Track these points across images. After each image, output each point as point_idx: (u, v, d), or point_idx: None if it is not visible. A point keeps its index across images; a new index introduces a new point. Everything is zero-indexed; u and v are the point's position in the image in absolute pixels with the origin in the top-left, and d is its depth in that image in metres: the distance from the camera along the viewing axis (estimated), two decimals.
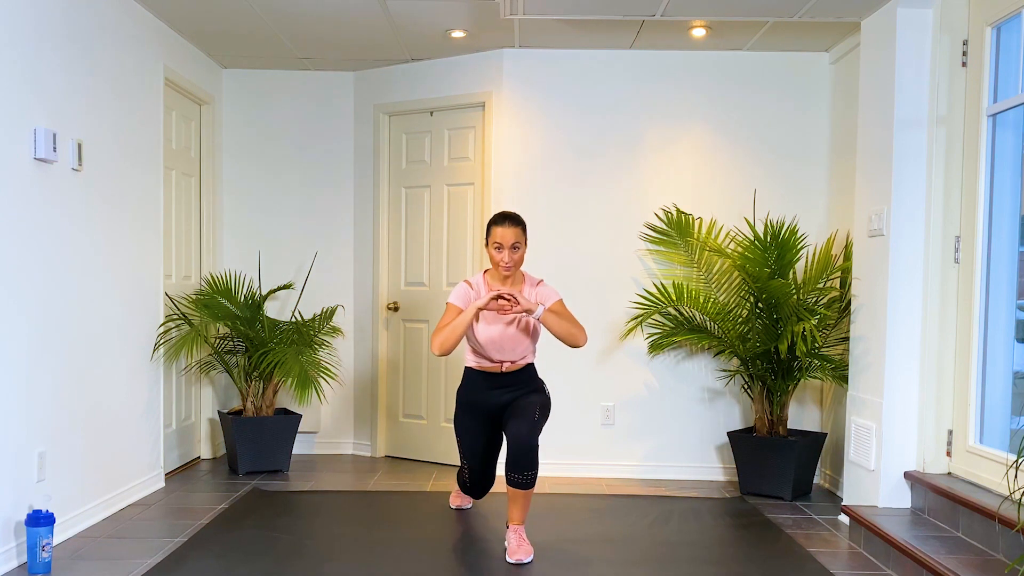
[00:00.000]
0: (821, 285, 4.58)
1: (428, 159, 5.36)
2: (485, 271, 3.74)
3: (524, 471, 3.46)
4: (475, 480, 3.95)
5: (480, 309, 3.52)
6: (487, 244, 3.63)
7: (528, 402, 3.64)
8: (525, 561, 3.44)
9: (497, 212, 3.93)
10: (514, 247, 3.59)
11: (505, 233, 3.58)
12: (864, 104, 4.10)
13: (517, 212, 4.40)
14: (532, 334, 3.72)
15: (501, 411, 3.78)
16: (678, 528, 3.96)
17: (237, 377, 5.05)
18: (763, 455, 4.54)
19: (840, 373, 4.45)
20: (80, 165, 3.74)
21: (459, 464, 3.93)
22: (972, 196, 3.60)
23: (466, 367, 3.83)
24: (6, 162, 3.21)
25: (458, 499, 4.24)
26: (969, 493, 3.38)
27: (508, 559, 3.46)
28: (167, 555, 3.44)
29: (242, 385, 5.03)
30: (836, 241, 4.80)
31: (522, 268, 4.37)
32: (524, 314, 3.57)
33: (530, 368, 3.80)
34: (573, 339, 3.55)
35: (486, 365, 3.74)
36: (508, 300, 3.49)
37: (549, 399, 3.75)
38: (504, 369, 3.72)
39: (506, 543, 3.58)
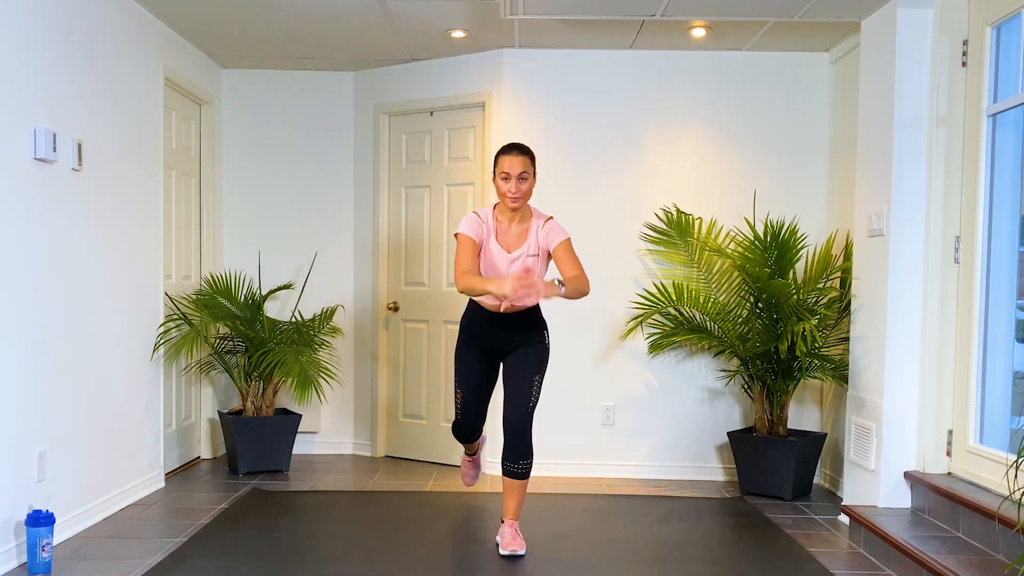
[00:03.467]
0: (821, 285, 4.58)
1: (428, 159, 5.36)
2: (495, 205, 3.56)
3: (519, 459, 3.48)
4: (466, 412, 3.69)
5: (494, 287, 3.22)
6: (494, 176, 3.47)
7: (526, 369, 3.53)
8: (519, 553, 3.49)
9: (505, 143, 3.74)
10: (521, 177, 3.41)
11: (513, 162, 3.41)
12: (864, 104, 4.10)
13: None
14: (536, 272, 3.50)
15: (501, 352, 3.62)
16: (678, 528, 3.96)
17: (237, 377, 5.05)
18: (763, 455, 4.54)
19: (840, 373, 4.45)
20: (80, 165, 3.74)
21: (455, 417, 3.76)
22: (972, 196, 3.60)
23: (470, 299, 3.68)
24: (6, 162, 3.21)
25: (468, 475, 4.05)
26: (969, 493, 3.38)
27: (501, 551, 3.51)
28: (167, 555, 3.44)
29: (242, 385, 5.03)
30: (836, 241, 4.80)
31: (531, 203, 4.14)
32: (546, 293, 3.25)
33: (533, 311, 3.61)
34: (581, 296, 3.39)
35: (489, 303, 3.55)
36: (524, 298, 3.19)
37: (548, 349, 3.63)
38: (504, 309, 3.53)
39: (499, 537, 3.60)
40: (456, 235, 3.49)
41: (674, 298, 4.78)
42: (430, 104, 5.28)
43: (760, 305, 4.58)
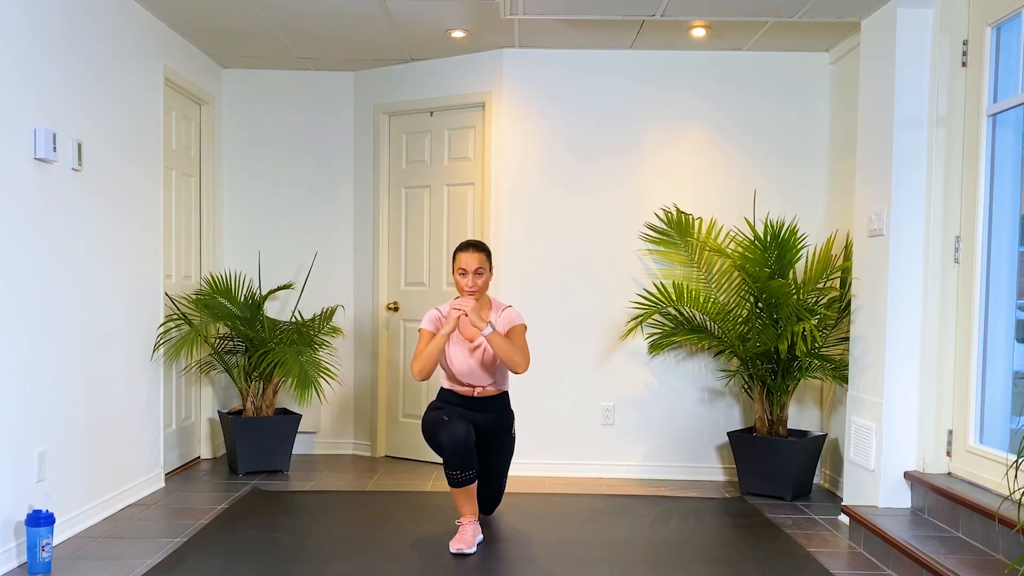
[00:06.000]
0: (821, 285, 4.58)
1: (428, 159, 5.36)
2: (455, 299, 3.74)
3: (491, 512, 4.12)
4: (452, 423, 3.57)
5: (448, 333, 3.65)
6: (453, 271, 3.78)
7: (498, 465, 3.94)
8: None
9: (462, 241, 4.07)
10: (477, 272, 3.72)
11: (469, 259, 3.72)
12: (864, 104, 4.10)
13: (482, 240, 4.24)
14: (497, 363, 3.82)
15: (475, 424, 3.87)
16: (678, 528, 3.96)
17: (237, 377, 5.05)
18: (763, 455, 4.54)
19: (840, 373, 4.45)
20: (80, 165, 3.74)
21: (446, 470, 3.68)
22: (972, 196, 3.60)
23: (441, 387, 3.94)
24: (6, 162, 3.21)
25: (459, 541, 3.60)
26: (969, 493, 3.38)
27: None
28: (167, 555, 3.44)
29: (242, 385, 5.03)
30: (836, 241, 4.79)
31: (491, 295, 4.38)
32: (477, 331, 3.69)
33: (502, 397, 3.92)
34: (512, 364, 3.61)
35: (459, 388, 3.87)
36: (463, 313, 3.61)
37: (514, 439, 4.02)
38: (476, 394, 3.84)
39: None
40: (420, 331, 3.82)
41: (674, 298, 4.78)
42: (430, 104, 5.28)
43: (760, 305, 4.58)
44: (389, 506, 4.28)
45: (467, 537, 3.57)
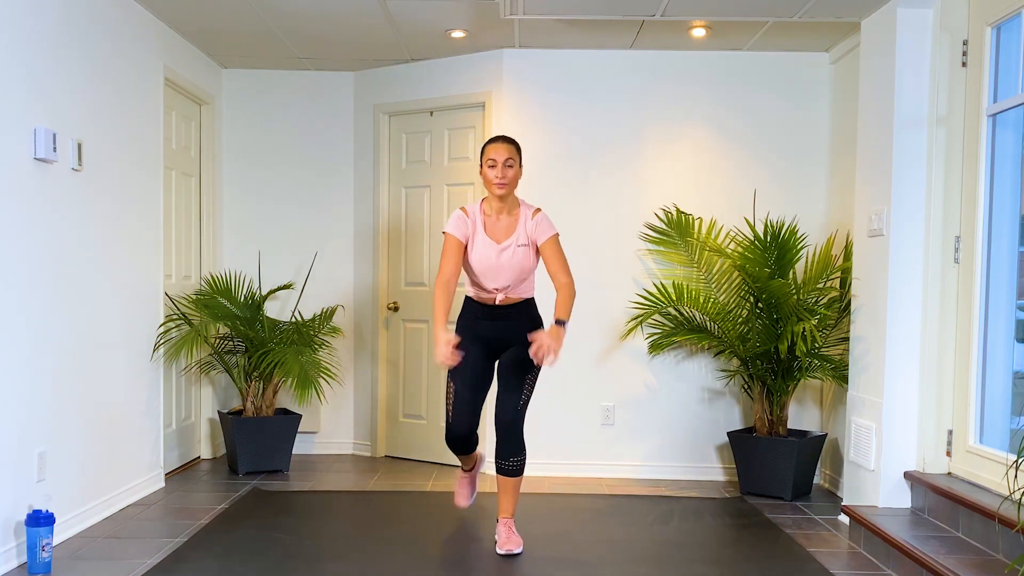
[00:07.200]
0: (821, 285, 4.58)
1: (428, 159, 5.36)
2: (483, 199, 3.61)
3: (510, 456, 3.50)
4: (458, 408, 3.56)
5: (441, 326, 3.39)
6: (481, 166, 3.53)
7: (519, 367, 3.53)
8: (515, 552, 3.50)
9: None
10: (507, 163, 3.47)
11: (499, 149, 3.49)
12: (864, 104, 4.10)
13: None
14: (525, 265, 3.56)
15: (497, 348, 3.64)
16: (678, 528, 3.96)
17: (237, 377, 5.05)
18: (763, 455, 4.54)
19: (840, 373, 4.45)
20: (80, 165, 3.74)
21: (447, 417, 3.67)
22: (972, 196, 3.60)
23: (465, 296, 3.73)
24: (6, 162, 3.21)
25: (461, 494, 3.96)
26: (969, 493, 3.38)
27: (498, 551, 3.52)
28: (167, 555, 3.44)
29: (242, 385, 5.03)
30: (836, 241, 4.80)
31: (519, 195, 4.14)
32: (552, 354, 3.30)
33: (528, 304, 3.65)
34: (572, 298, 3.47)
35: (483, 296, 3.61)
36: (542, 356, 3.27)
37: (538, 368, 3.61)
38: (498, 301, 3.58)
39: (496, 536, 3.61)
40: (444, 233, 3.56)
41: (674, 298, 4.78)
42: (430, 104, 5.28)
43: (760, 305, 4.58)
44: (389, 506, 4.28)
45: (463, 492, 3.94)
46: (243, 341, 5.00)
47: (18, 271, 3.29)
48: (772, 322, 4.52)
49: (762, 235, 4.60)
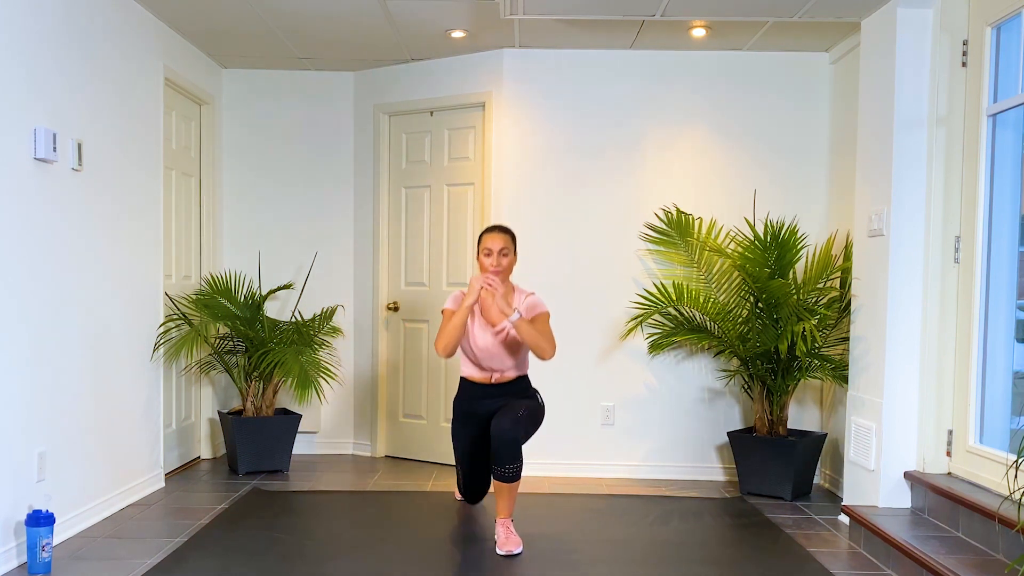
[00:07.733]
0: (821, 285, 4.58)
1: (428, 159, 5.36)
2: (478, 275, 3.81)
3: (506, 464, 3.56)
4: (467, 484, 4.08)
5: (471, 305, 3.66)
6: (478, 254, 3.80)
7: (516, 403, 3.77)
8: (515, 552, 3.52)
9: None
10: (502, 252, 3.76)
11: (494, 239, 3.77)
12: (864, 104, 4.10)
13: (508, 225, 4.50)
14: (520, 346, 3.85)
15: (491, 417, 3.89)
16: (678, 528, 3.96)
17: (237, 377, 5.05)
18: (763, 455, 4.54)
19: (840, 373, 4.45)
20: (80, 165, 3.74)
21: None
22: (972, 196, 3.60)
23: (461, 377, 3.98)
24: (6, 162, 3.21)
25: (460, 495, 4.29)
26: (969, 493, 3.39)
27: (498, 551, 3.54)
28: (167, 555, 3.44)
29: (242, 385, 5.03)
30: (836, 241, 4.80)
31: (514, 281, 4.43)
32: (503, 316, 3.69)
33: (521, 381, 3.94)
34: (539, 350, 3.65)
35: (477, 376, 3.90)
36: (491, 287, 3.62)
37: (541, 406, 3.88)
38: (494, 380, 3.87)
39: (495, 536, 3.63)
40: (442, 311, 3.81)
41: (674, 298, 4.78)
42: (430, 104, 5.28)
43: (760, 305, 4.58)
44: (389, 506, 4.28)
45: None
46: (243, 341, 5.00)
47: (18, 271, 3.29)
48: (772, 322, 4.52)
49: (762, 235, 4.60)
